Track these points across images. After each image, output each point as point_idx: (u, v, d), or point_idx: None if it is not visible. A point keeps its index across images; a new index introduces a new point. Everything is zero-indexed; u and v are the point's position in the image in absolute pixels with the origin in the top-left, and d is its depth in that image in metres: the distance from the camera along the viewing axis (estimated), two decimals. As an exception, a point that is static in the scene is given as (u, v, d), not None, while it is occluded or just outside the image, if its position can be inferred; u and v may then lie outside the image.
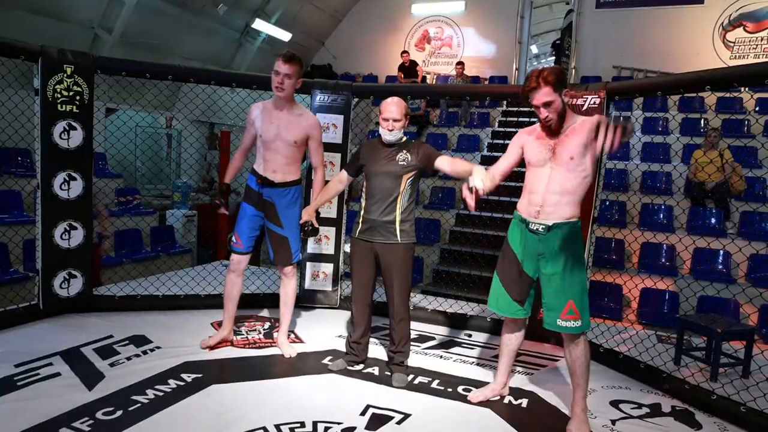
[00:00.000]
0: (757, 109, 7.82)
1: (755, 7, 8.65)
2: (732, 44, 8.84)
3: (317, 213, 2.87)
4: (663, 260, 5.64)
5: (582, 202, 2.29)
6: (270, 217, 2.86)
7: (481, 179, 2.21)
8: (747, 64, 2.72)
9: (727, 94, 7.91)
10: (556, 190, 2.24)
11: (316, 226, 2.84)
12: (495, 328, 3.52)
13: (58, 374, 2.52)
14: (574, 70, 9.39)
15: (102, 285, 4.03)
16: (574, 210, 2.26)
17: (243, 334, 3.21)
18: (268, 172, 2.81)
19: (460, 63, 9.45)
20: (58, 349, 2.78)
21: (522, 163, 2.43)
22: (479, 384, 2.68)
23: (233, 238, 2.93)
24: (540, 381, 2.81)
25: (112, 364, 2.67)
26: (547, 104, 2.18)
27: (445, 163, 2.62)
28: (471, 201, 2.20)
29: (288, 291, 2.99)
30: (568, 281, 2.24)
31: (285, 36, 10.09)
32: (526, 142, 2.37)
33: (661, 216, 6.23)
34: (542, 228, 2.26)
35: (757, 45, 8.71)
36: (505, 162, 2.43)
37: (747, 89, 7.26)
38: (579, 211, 2.28)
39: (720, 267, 5.39)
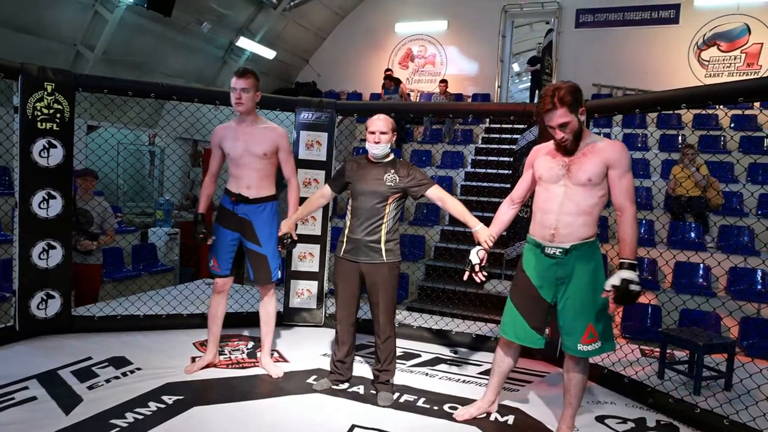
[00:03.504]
0: (732, 125, 8.05)
1: (728, 27, 8.97)
2: (707, 63, 9.13)
3: (296, 226, 2.84)
4: (645, 274, 5.71)
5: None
6: (247, 235, 2.81)
7: (481, 257, 2.40)
8: (720, 83, 2.81)
9: (703, 112, 8.14)
10: (572, 211, 2.15)
11: (295, 238, 2.80)
12: (480, 344, 3.52)
13: (33, 398, 2.44)
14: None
15: (96, 303, 3.95)
16: (591, 229, 2.18)
17: (226, 354, 3.15)
18: (241, 188, 2.78)
19: (444, 81, 9.58)
20: (34, 373, 2.70)
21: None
22: (465, 401, 2.67)
23: (211, 262, 2.88)
24: (527, 398, 2.80)
25: (90, 387, 2.59)
26: (563, 125, 2.10)
27: (435, 197, 2.63)
28: (477, 279, 2.40)
29: (269, 310, 2.94)
30: (590, 303, 2.15)
31: (269, 54, 10.14)
32: (537, 158, 2.31)
33: (642, 230, 6.32)
34: (560, 252, 2.16)
35: (730, 64, 9.01)
36: (521, 189, 2.41)
37: (721, 107, 7.46)
38: (596, 230, 2.20)
39: (700, 280, 5.48)
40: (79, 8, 7.17)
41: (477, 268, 2.40)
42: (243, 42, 9.56)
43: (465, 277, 2.44)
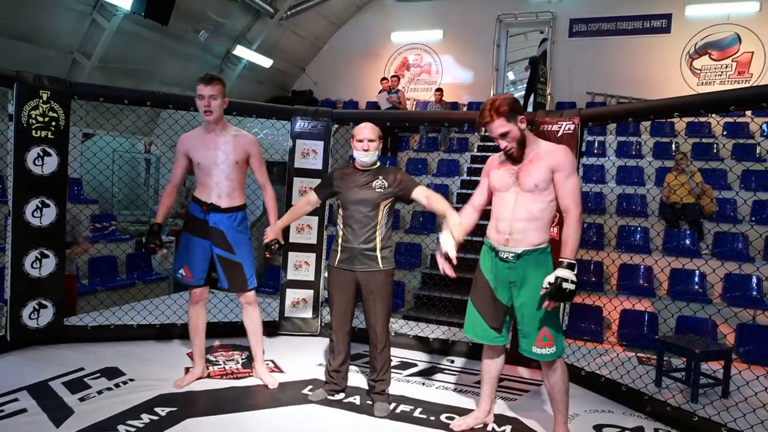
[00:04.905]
0: (724, 133, 8.12)
1: (719, 36, 9.08)
2: (699, 71, 9.23)
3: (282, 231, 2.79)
4: (641, 281, 5.73)
5: (554, 224, 2.31)
6: (219, 243, 2.76)
7: (452, 243, 2.29)
8: (712, 92, 2.83)
9: (695, 119, 8.22)
10: (523, 217, 2.24)
11: (282, 243, 2.76)
12: (477, 353, 3.48)
13: (23, 410, 2.40)
14: (549, 96, 9.65)
15: (75, 315, 3.89)
16: (543, 235, 2.26)
17: (220, 364, 3.12)
18: (213, 197, 2.74)
19: (439, 89, 9.62)
20: (24, 384, 2.66)
21: None
22: (462, 411, 2.65)
23: (182, 272, 2.79)
24: (523, 406, 2.79)
25: (82, 399, 2.56)
26: (503, 135, 2.21)
27: (421, 196, 2.62)
28: (449, 271, 2.32)
29: (254, 319, 2.89)
30: (543, 308, 2.20)
31: (266, 62, 10.17)
32: (491, 168, 2.40)
33: (638, 238, 6.35)
34: (512, 256, 2.25)
35: (722, 72, 9.10)
36: (479, 195, 2.48)
37: (714, 115, 7.53)
38: (548, 236, 2.29)
39: (696, 287, 5.49)
40: (76, 16, 7.18)
41: (451, 254, 2.26)
42: (240, 50, 9.58)
43: (440, 266, 2.31)
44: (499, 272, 2.30)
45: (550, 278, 2.11)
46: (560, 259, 2.16)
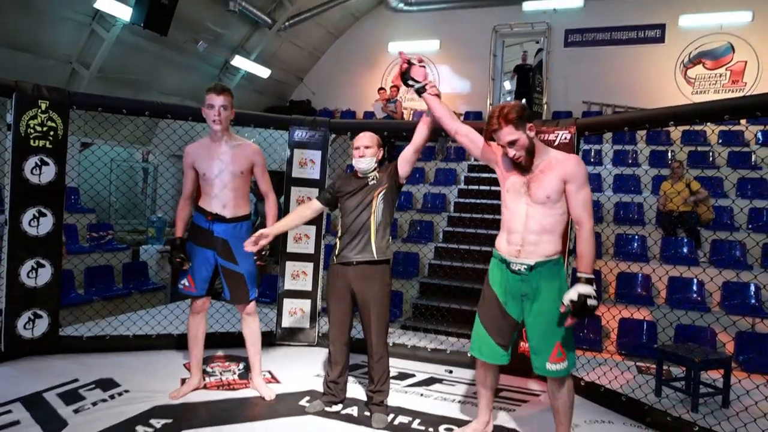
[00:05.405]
0: (719, 141, 8.16)
1: (712, 46, 9.17)
2: (693, 80, 9.30)
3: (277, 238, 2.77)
4: (639, 290, 5.72)
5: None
6: (223, 254, 2.76)
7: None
8: (706, 101, 2.85)
9: (691, 128, 8.27)
10: (535, 229, 2.19)
11: (269, 249, 2.69)
12: (475, 363, 3.47)
13: (17, 422, 2.38)
14: (546, 106, 9.71)
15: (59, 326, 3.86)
16: (556, 246, 2.21)
17: (216, 375, 3.10)
18: (217, 207, 2.74)
19: (436, 99, 9.63)
20: (18, 395, 2.64)
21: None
22: (461, 423, 2.62)
23: (185, 282, 2.78)
24: (522, 417, 2.77)
25: (76, 411, 2.53)
26: (511, 143, 2.16)
27: (405, 151, 2.62)
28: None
29: (253, 329, 2.88)
30: (555, 322, 2.16)
31: (264, 72, 10.21)
32: (504, 165, 2.30)
33: (635, 246, 6.35)
34: (524, 268, 2.19)
35: (716, 81, 9.18)
36: (475, 132, 2.38)
37: (709, 123, 7.58)
38: (560, 247, 2.23)
39: (694, 296, 5.49)
40: (76, 27, 7.21)
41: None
42: (238, 61, 9.62)
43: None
44: (510, 285, 2.24)
45: (572, 296, 2.04)
46: (578, 275, 2.10)
